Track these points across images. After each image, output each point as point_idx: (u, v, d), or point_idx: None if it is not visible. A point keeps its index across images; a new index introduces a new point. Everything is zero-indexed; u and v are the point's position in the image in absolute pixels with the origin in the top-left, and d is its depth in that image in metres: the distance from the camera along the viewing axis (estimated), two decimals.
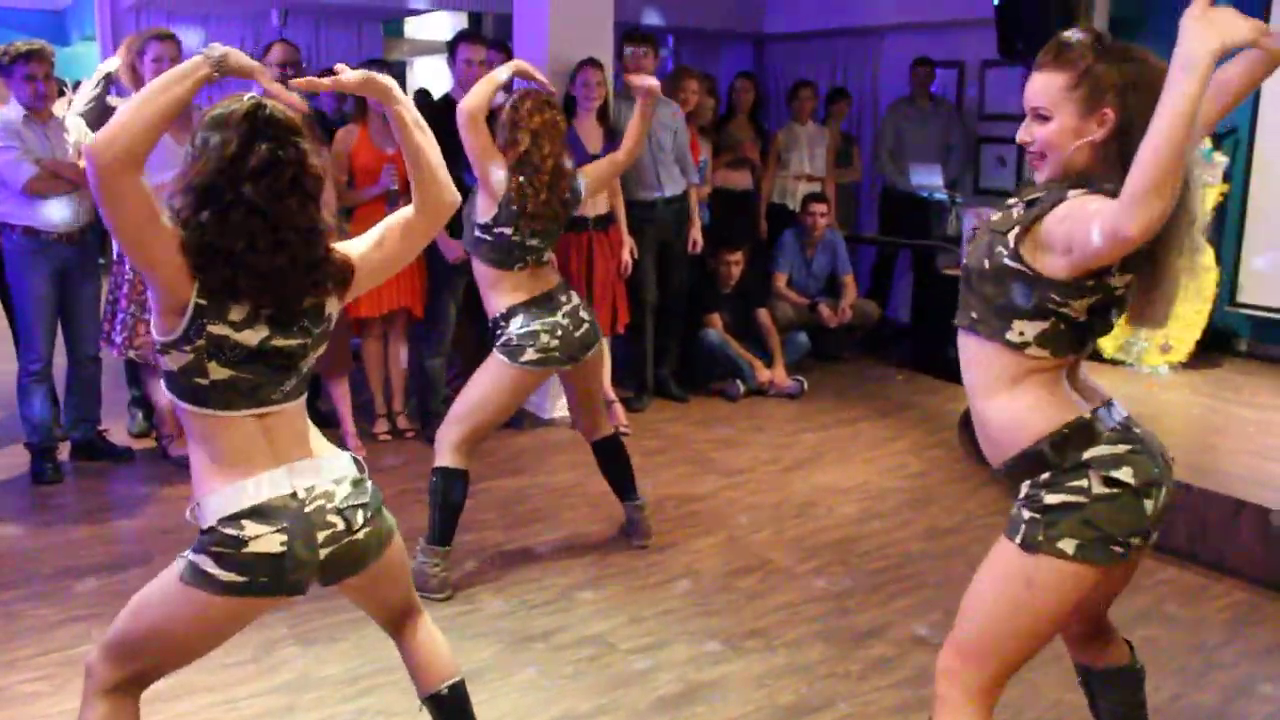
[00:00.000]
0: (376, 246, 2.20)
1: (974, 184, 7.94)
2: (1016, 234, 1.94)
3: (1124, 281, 1.93)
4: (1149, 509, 1.98)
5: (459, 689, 2.39)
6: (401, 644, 2.39)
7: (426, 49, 10.47)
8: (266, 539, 1.99)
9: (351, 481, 2.13)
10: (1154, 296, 1.94)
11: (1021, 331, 1.97)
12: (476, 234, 3.72)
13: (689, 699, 3.11)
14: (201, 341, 1.96)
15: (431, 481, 3.73)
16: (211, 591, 1.99)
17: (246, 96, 2.00)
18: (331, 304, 2.11)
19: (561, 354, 3.74)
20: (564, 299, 3.79)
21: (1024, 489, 2.03)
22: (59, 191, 4.52)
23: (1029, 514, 2.00)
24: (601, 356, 3.98)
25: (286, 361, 2.06)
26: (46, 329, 4.67)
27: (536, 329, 3.69)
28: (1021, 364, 2.00)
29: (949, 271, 6.89)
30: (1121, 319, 2.04)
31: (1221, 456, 4.70)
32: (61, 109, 4.81)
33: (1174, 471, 2.08)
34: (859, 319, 7.07)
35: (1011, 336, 1.98)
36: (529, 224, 3.65)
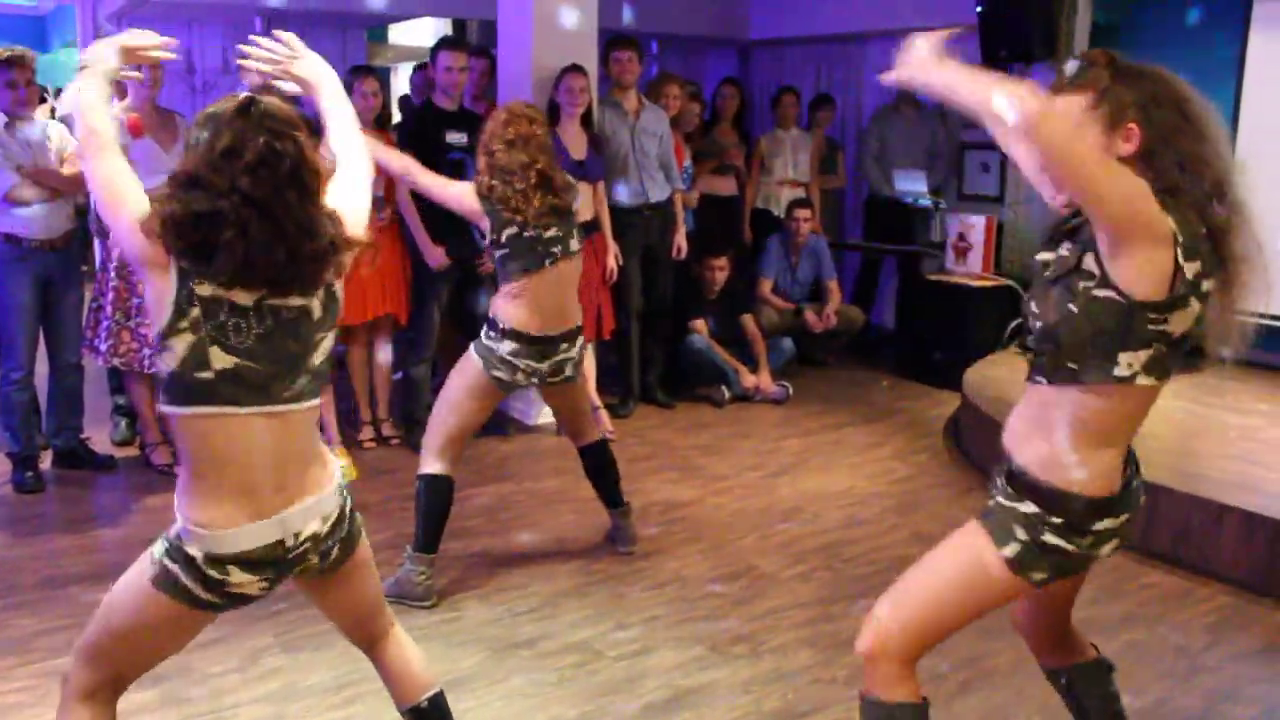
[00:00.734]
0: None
1: (958, 190, 7.97)
2: (1093, 259, 1.90)
3: (1196, 272, 1.87)
4: (1105, 549, 2.05)
5: (438, 700, 2.38)
6: (375, 659, 2.38)
7: (410, 55, 10.45)
8: (249, 584, 2.01)
9: (335, 519, 2.11)
10: (1229, 297, 1.94)
11: (1130, 364, 1.92)
12: (495, 253, 3.73)
13: (675, 705, 3.10)
14: (196, 311, 1.88)
15: (416, 489, 3.72)
16: (187, 605, 2.00)
17: (241, 94, 1.99)
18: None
19: (524, 385, 3.81)
20: (564, 346, 3.76)
21: (1000, 480, 2.09)
22: (41, 199, 4.50)
23: (1000, 500, 2.07)
24: (576, 382, 3.96)
25: (298, 342, 2.01)
26: (28, 337, 4.63)
27: (518, 365, 3.69)
28: (1119, 404, 1.97)
29: (933, 277, 6.92)
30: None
31: (1204, 461, 4.72)
32: (43, 115, 4.79)
33: (1140, 501, 2.11)
34: (844, 325, 7.08)
35: (1120, 371, 1.93)
36: (522, 215, 3.63)
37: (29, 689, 3.11)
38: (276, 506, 1.99)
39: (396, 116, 6.66)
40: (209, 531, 1.95)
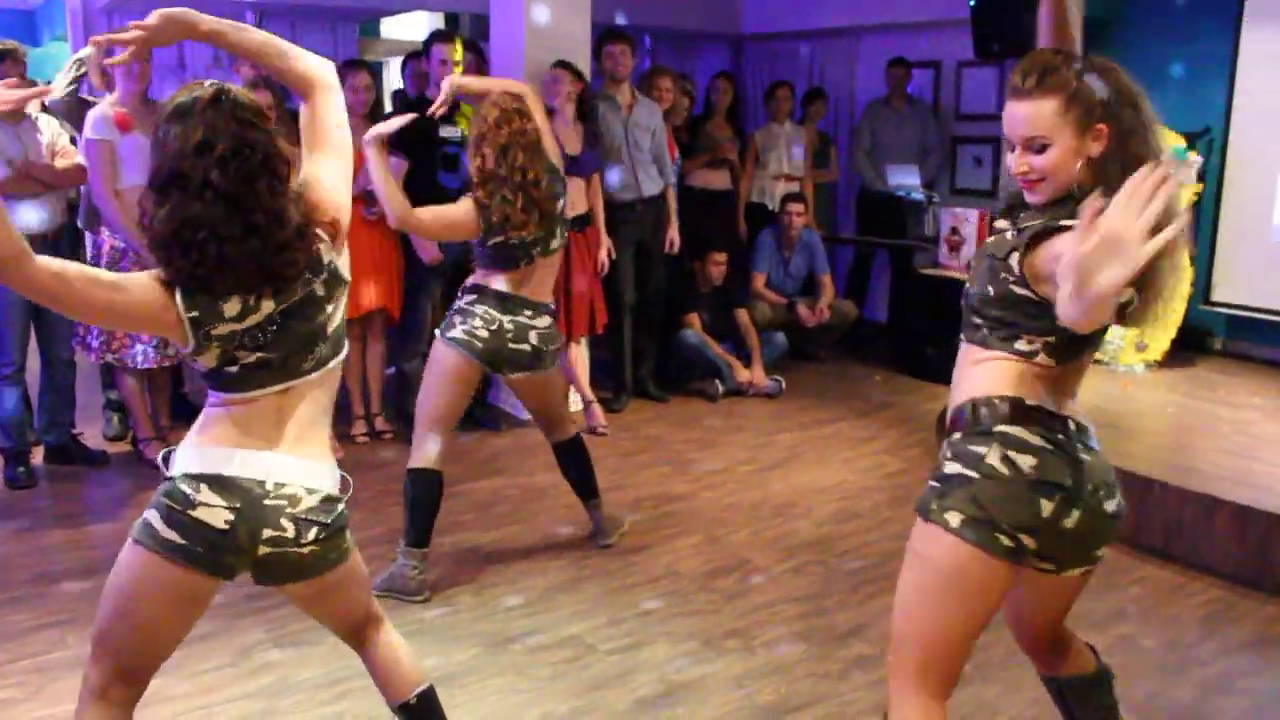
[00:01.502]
0: (323, 158, 2.16)
1: (950, 184, 7.98)
2: (1018, 260, 1.94)
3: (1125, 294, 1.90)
4: (1044, 510, 1.94)
5: (427, 696, 2.38)
6: (363, 656, 2.38)
7: (403, 49, 10.42)
8: (214, 511, 1.99)
9: (323, 497, 2.11)
10: (1146, 297, 1.93)
11: (1031, 341, 1.99)
12: (477, 248, 3.74)
13: (668, 700, 3.11)
14: (216, 347, 2.00)
15: (405, 484, 3.72)
16: (152, 549, 2.00)
17: (207, 83, 1.98)
18: (325, 250, 2.09)
19: (482, 350, 3.66)
20: (530, 313, 3.74)
21: (940, 453, 2.07)
22: (32, 193, 4.48)
23: (931, 481, 2.04)
24: (546, 384, 3.94)
25: (309, 324, 2.07)
26: (19, 332, 4.62)
27: (478, 313, 3.68)
28: (1028, 368, 2.01)
29: (926, 271, 6.92)
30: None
31: (1197, 454, 4.73)
32: (34, 109, 4.76)
33: (1115, 510, 2.05)
34: (837, 319, 7.08)
35: (1021, 345, 2.00)
36: (517, 232, 3.64)
37: (21, 684, 3.11)
38: (264, 449, 2.05)
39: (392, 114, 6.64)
40: (200, 448, 2.03)
